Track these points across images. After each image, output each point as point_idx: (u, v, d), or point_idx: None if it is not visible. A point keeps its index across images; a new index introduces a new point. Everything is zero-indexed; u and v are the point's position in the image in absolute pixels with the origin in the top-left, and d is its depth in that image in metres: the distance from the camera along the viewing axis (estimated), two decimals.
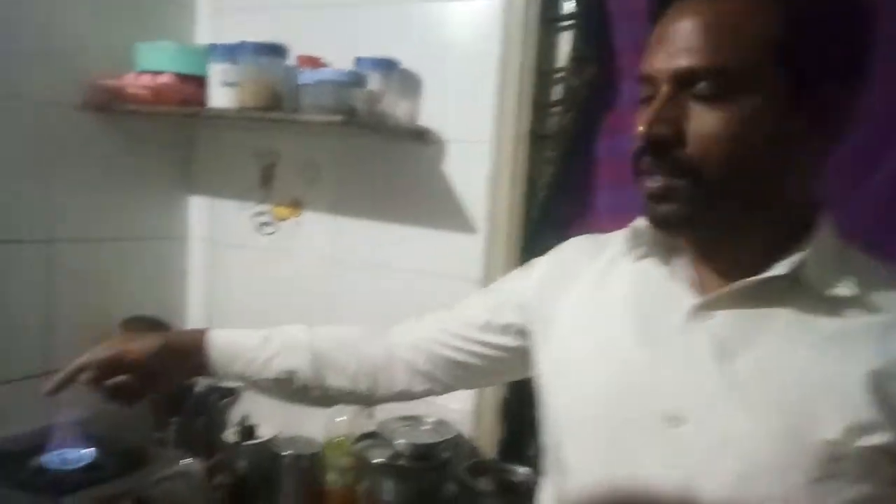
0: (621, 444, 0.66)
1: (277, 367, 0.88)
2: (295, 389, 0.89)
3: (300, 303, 1.45)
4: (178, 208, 1.58)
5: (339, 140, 1.39)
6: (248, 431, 1.43)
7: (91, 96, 1.33)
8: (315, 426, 1.40)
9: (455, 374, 0.86)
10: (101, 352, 0.84)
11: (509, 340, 0.82)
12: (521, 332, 0.81)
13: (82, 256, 1.37)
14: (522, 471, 1.16)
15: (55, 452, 1.15)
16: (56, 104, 1.29)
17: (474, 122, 1.24)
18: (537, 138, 1.21)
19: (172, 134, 1.53)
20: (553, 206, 1.19)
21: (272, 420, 1.45)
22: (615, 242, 0.75)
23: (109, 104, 1.33)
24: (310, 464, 1.34)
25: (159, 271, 1.55)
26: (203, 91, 1.28)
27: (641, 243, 0.71)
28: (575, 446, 0.70)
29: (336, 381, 0.89)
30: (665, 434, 0.63)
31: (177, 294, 1.58)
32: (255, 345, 0.89)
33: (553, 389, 0.74)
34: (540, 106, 1.21)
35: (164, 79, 1.28)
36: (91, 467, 1.15)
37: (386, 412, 1.27)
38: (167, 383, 0.91)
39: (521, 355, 0.81)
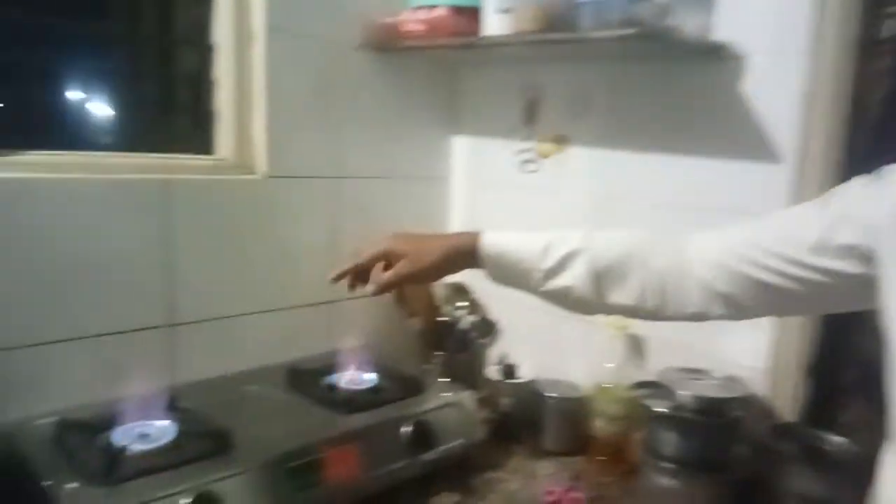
0: None
1: (555, 282, 0.85)
2: (573, 302, 0.86)
3: None
4: (443, 148, 1.59)
5: (613, 65, 1.29)
6: (508, 370, 1.42)
7: (369, 35, 1.37)
8: (576, 370, 1.35)
9: (763, 300, 0.74)
10: (379, 244, 0.96)
11: (848, 266, 0.67)
12: (866, 257, 0.65)
13: (361, 192, 1.44)
14: (837, 440, 1.00)
15: (344, 374, 1.23)
16: (339, 44, 1.35)
17: (785, 29, 1.05)
18: (868, 45, 1.00)
19: (440, 73, 1.53)
20: (888, 129, 0.98)
21: (531, 361, 1.43)
22: None
23: (386, 43, 1.36)
24: (576, 408, 1.29)
25: (423, 210, 1.59)
26: (477, 23, 1.25)
27: None
28: None
29: (619, 297, 0.82)
30: None
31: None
32: (532, 255, 0.86)
33: None
34: (872, 5, 1.00)
35: (438, 12, 1.27)
36: (375, 389, 1.21)
37: (665, 361, 1.17)
38: (434, 277, 0.98)
39: (859, 285, 0.66)
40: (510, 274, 0.90)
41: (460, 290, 1.52)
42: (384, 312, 1.48)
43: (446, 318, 1.49)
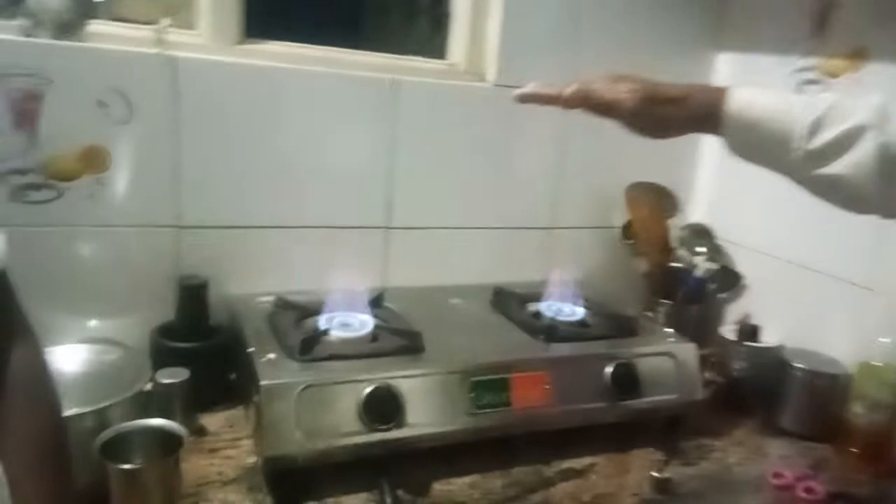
0: None
1: (826, 166, 0.66)
2: (845, 194, 0.67)
3: None
4: (703, 67, 1.38)
5: None
6: (748, 331, 1.21)
7: None
8: (838, 341, 1.10)
9: None
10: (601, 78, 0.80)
11: None
12: None
13: None
14: None
15: (551, 303, 1.14)
16: None
17: None
18: None
19: None
20: None
21: (779, 324, 1.20)
22: None
23: None
24: (830, 386, 1.06)
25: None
26: None
27: None
28: None
29: None
30: None
31: (686, 165, 1.41)
32: (795, 127, 0.67)
33: None
34: None
35: None
36: (581, 324, 1.10)
37: None
38: (659, 122, 0.77)
39: None
40: (760, 147, 0.71)
41: (700, 233, 1.33)
42: (607, 247, 1.35)
43: (680, 263, 1.32)
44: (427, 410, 0.86)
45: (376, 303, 1.06)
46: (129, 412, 0.76)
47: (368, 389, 0.83)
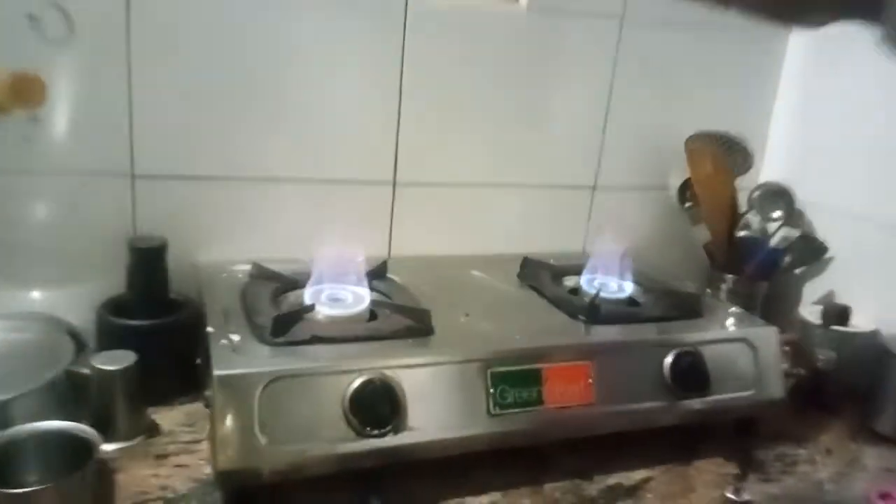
0: None
1: None
2: None
3: None
4: None
5: None
6: (836, 313, 0.98)
7: None
8: None
9: None
10: None
11: None
12: None
13: (658, 42, 1.08)
14: None
15: (594, 277, 0.93)
16: None
17: None
18: None
19: None
20: None
21: (874, 305, 0.98)
22: None
23: None
24: None
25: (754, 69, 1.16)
26: None
27: None
28: None
29: None
30: None
31: (758, 113, 1.18)
32: None
33: None
34: None
35: None
36: (630, 302, 0.90)
37: None
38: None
39: None
40: None
41: (777, 194, 1.10)
42: (661, 212, 1.14)
43: (750, 231, 1.10)
44: (434, 410, 0.67)
45: (378, 274, 0.87)
46: (38, 410, 0.58)
47: (358, 382, 0.64)
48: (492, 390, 0.69)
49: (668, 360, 0.77)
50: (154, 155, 0.85)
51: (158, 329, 0.77)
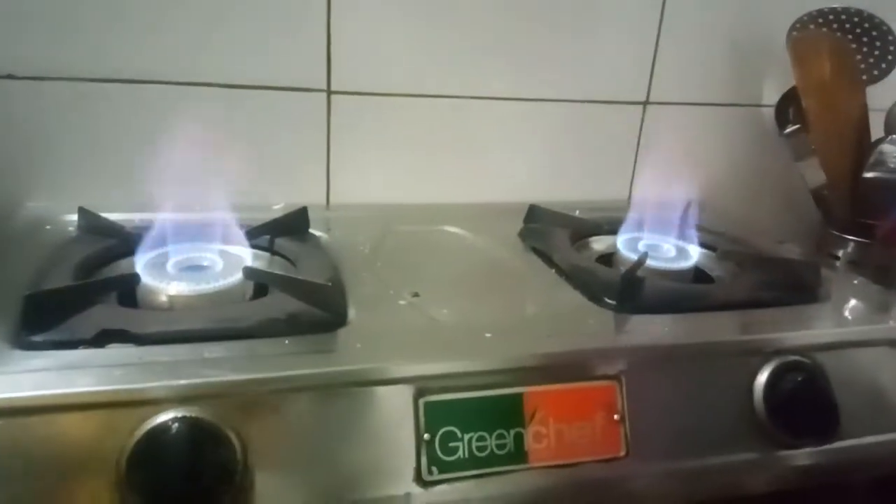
0: None
1: None
2: None
3: None
4: None
5: None
6: None
7: None
8: None
9: None
10: None
11: None
12: None
13: None
14: None
15: (635, 235, 0.60)
16: None
17: None
18: None
19: None
20: None
21: None
22: None
23: None
24: None
25: None
26: None
27: None
28: None
29: None
30: None
31: None
32: None
33: None
34: None
35: None
36: (696, 276, 0.57)
37: None
38: None
39: None
40: None
41: None
42: (751, 140, 0.79)
43: (886, 171, 0.74)
44: (308, 477, 0.36)
45: (287, 227, 0.56)
46: None
47: (143, 431, 0.33)
48: (426, 436, 0.37)
49: (763, 378, 0.45)
50: None
51: None
